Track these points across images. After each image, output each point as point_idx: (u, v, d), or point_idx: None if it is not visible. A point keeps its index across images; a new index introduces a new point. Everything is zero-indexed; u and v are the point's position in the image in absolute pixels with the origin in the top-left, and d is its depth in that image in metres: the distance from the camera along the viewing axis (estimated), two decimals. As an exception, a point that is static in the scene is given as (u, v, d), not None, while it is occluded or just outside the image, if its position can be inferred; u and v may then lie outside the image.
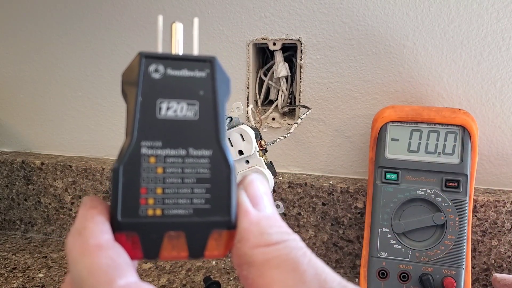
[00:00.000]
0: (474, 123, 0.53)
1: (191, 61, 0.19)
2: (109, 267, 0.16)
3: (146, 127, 0.18)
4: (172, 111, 0.18)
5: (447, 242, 0.51)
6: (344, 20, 0.60)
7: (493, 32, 0.56)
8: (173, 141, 0.18)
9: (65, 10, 0.70)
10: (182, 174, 0.18)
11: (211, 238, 0.18)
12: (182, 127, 0.18)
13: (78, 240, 0.17)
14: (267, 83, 0.66)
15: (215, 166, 0.18)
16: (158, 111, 0.18)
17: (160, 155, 0.18)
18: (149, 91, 0.18)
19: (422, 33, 0.58)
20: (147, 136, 0.18)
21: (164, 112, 0.18)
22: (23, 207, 0.75)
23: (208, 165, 0.18)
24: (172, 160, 0.18)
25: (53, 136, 0.76)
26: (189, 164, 0.18)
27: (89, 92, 0.72)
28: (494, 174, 0.60)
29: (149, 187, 0.18)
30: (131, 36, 0.68)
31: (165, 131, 0.18)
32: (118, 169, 0.18)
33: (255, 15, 0.62)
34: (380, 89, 0.61)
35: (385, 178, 0.53)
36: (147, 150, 0.18)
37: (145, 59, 0.18)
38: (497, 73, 0.57)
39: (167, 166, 0.18)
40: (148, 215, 0.18)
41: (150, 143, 0.18)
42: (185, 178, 0.18)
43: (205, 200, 0.18)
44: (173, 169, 0.18)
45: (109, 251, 0.17)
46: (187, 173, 0.18)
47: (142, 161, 0.18)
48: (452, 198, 0.51)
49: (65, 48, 0.71)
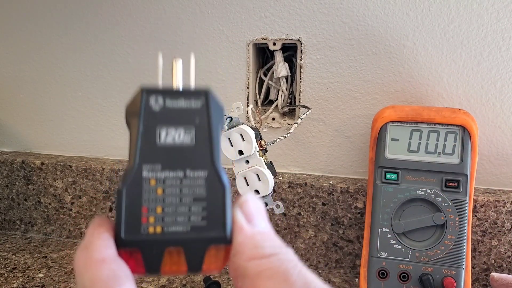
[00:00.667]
0: (474, 123, 0.53)
1: (188, 93, 0.21)
2: (109, 278, 0.18)
3: (147, 152, 0.20)
4: (170, 138, 0.20)
5: (447, 242, 0.51)
6: (344, 20, 0.60)
7: (493, 32, 0.56)
8: (171, 164, 0.20)
9: (65, 10, 0.70)
10: (180, 194, 0.20)
11: (208, 253, 0.20)
12: (179, 151, 0.20)
13: (84, 255, 0.19)
14: (267, 83, 0.66)
15: (211, 185, 0.20)
16: (158, 138, 0.20)
17: (160, 177, 0.20)
18: (149, 121, 0.20)
19: (422, 33, 0.58)
20: (147, 160, 0.20)
21: (163, 138, 0.20)
22: (23, 207, 0.75)
23: (204, 185, 0.20)
24: (171, 181, 0.20)
25: (53, 136, 0.76)
26: (187, 185, 0.20)
27: (89, 92, 0.72)
28: (494, 174, 0.60)
29: (150, 207, 0.20)
30: (131, 36, 0.68)
31: (164, 155, 0.20)
32: (122, 191, 0.20)
33: (255, 15, 0.62)
34: (380, 89, 0.61)
35: (385, 178, 0.53)
36: (148, 173, 0.20)
37: (146, 93, 0.21)
38: (497, 73, 0.57)
39: (166, 187, 0.20)
40: (149, 232, 0.20)
41: (151, 166, 0.20)
42: (183, 198, 0.20)
43: (201, 218, 0.20)
44: (171, 189, 0.20)
45: (111, 264, 0.18)
46: (185, 193, 0.20)
47: (143, 183, 0.20)
48: (452, 198, 0.51)
49: (65, 48, 0.71)
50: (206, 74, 0.66)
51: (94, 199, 0.71)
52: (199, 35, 0.65)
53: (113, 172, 0.69)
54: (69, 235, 0.74)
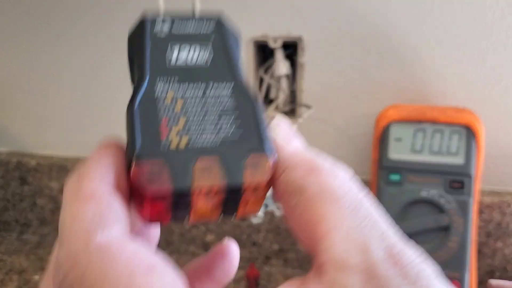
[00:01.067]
0: (479, 123, 0.52)
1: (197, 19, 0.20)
2: (93, 219, 0.15)
3: (159, 67, 0.17)
4: (184, 58, 0.18)
5: (452, 244, 0.50)
6: (347, 18, 0.59)
7: (497, 30, 0.55)
8: (190, 78, 0.17)
9: (64, 10, 0.69)
10: (204, 108, 0.17)
11: (248, 163, 0.16)
12: (196, 69, 0.18)
13: (75, 185, 0.16)
14: (268, 81, 0.65)
15: (239, 99, 0.17)
16: (168, 58, 0.18)
17: (177, 89, 0.17)
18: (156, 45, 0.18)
19: (425, 31, 0.57)
20: (161, 74, 0.17)
21: (175, 58, 0.18)
22: (19, 208, 0.74)
23: (231, 99, 0.17)
24: (192, 95, 0.17)
25: (49, 136, 0.75)
26: (211, 98, 0.17)
27: (86, 92, 0.71)
28: (499, 175, 0.60)
29: (170, 119, 0.16)
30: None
31: (180, 70, 0.18)
32: (133, 107, 0.16)
33: (255, 11, 0.61)
34: (383, 88, 0.60)
35: (388, 179, 0.52)
36: (162, 86, 0.17)
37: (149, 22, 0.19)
38: (502, 72, 0.56)
39: (187, 101, 0.17)
40: (174, 145, 0.16)
41: (166, 78, 0.17)
42: (208, 111, 0.17)
43: (233, 129, 0.17)
44: (194, 102, 0.17)
45: (100, 202, 0.15)
46: (209, 107, 0.17)
47: (158, 97, 0.17)
48: (456, 199, 0.51)
49: (61, 48, 0.70)
50: (205, 73, 0.65)
51: (91, 200, 0.70)
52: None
53: (110, 173, 0.68)
54: (66, 237, 0.73)
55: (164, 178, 0.15)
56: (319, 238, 0.15)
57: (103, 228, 0.15)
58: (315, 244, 0.16)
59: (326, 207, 0.16)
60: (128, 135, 0.16)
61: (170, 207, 0.16)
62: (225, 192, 0.16)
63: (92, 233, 0.14)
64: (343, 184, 0.16)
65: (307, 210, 0.16)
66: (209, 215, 0.17)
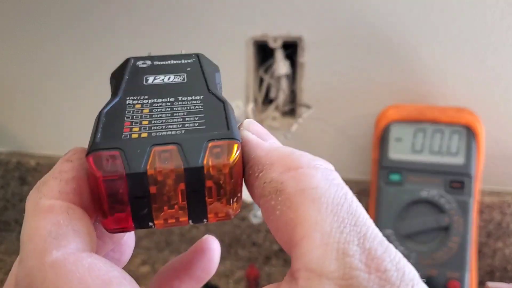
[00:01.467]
0: (479, 123, 0.52)
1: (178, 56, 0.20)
2: (49, 235, 0.14)
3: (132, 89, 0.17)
4: (159, 80, 0.18)
5: (452, 244, 0.50)
6: (347, 17, 0.59)
7: (497, 30, 0.55)
8: (160, 94, 0.17)
9: (64, 10, 0.68)
10: (171, 111, 0.17)
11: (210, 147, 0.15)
12: (169, 87, 0.18)
13: (34, 196, 0.16)
14: (268, 81, 0.65)
15: (207, 103, 0.17)
16: (144, 81, 0.18)
17: (147, 103, 0.17)
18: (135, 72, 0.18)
19: (426, 31, 0.57)
20: (132, 94, 0.17)
21: (151, 81, 0.18)
22: (19, 208, 0.74)
23: (200, 104, 0.17)
24: (160, 105, 0.17)
25: (48, 136, 0.75)
26: (179, 105, 0.17)
27: (86, 92, 0.71)
28: (499, 175, 0.59)
29: (134, 121, 0.16)
30: (131, 36, 0.67)
31: (152, 90, 0.18)
32: (101, 113, 0.17)
33: (256, 11, 0.61)
34: (383, 88, 0.60)
35: (389, 179, 0.52)
36: (134, 99, 0.17)
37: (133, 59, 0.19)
38: (502, 72, 0.56)
39: (154, 108, 0.17)
40: (132, 137, 0.15)
41: (136, 97, 0.17)
42: (175, 113, 0.17)
43: (198, 124, 0.16)
44: (160, 108, 0.17)
45: (59, 215, 0.15)
46: (177, 110, 0.17)
47: (126, 107, 0.17)
48: (456, 199, 0.50)
49: (61, 48, 0.70)
50: (205, 73, 0.65)
51: (91, 200, 0.70)
52: (197, 31, 0.64)
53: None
54: (65, 237, 0.73)
55: (119, 163, 0.15)
56: (296, 242, 0.14)
57: (59, 244, 0.14)
58: (292, 248, 0.15)
59: (304, 208, 0.15)
60: (91, 136, 0.16)
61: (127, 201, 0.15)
62: (185, 178, 0.15)
63: (48, 250, 0.14)
64: (322, 182, 0.15)
65: (285, 211, 0.15)
66: (175, 215, 0.16)
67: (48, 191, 0.15)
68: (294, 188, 0.15)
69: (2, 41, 0.72)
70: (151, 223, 0.16)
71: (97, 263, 0.14)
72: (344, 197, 0.15)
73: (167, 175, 0.15)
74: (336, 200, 0.15)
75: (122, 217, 0.15)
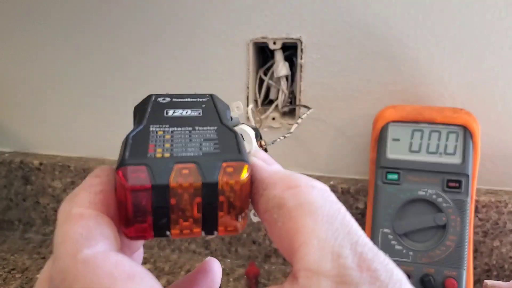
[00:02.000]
0: (476, 123, 0.52)
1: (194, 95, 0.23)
2: (81, 237, 0.16)
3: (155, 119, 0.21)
4: (178, 113, 0.21)
5: (449, 243, 0.51)
6: (345, 19, 0.59)
7: (495, 31, 0.56)
8: (180, 124, 0.20)
9: (65, 10, 0.69)
10: (189, 138, 0.19)
11: (224, 167, 0.18)
12: (187, 119, 0.21)
13: (67, 206, 0.18)
14: (267, 82, 0.65)
15: (221, 133, 0.20)
16: (165, 113, 0.21)
17: (168, 130, 0.20)
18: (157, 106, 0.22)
19: (423, 32, 0.58)
20: (155, 123, 0.20)
21: (171, 113, 0.21)
22: (22, 207, 0.75)
23: (215, 133, 0.20)
24: (179, 132, 0.20)
25: (52, 136, 0.76)
26: (196, 133, 0.20)
27: (88, 92, 0.72)
28: (496, 174, 0.60)
29: (158, 144, 0.19)
30: (131, 36, 0.68)
31: (173, 120, 0.21)
32: (128, 136, 0.19)
33: (255, 13, 0.62)
34: (381, 89, 0.60)
35: (386, 178, 0.53)
36: (156, 127, 0.20)
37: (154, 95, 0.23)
38: (500, 72, 0.57)
39: (175, 135, 0.20)
40: (157, 156, 0.18)
41: (159, 125, 0.20)
42: (193, 139, 0.19)
43: (214, 148, 0.19)
44: (180, 135, 0.19)
45: (89, 221, 0.17)
46: (194, 137, 0.19)
47: (150, 133, 0.19)
48: (453, 198, 0.51)
49: (63, 48, 0.71)
50: (206, 74, 0.66)
51: (93, 199, 0.71)
52: (199, 34, 0.65)
53: (112, 172, 0.69)
54: (68, 236, 0.74)
55: (145, 176, 0.17)
56: (296, 248, 0.16)
57: (90, 244, 0.16)
58: (293, 254, 0.17)
59: (303, 219, 0.17)
60: (120, 154, 0.18)
61: (150, 211, 0.17)
62: (202, 192, 0.17)
63: (80, 249, 0.16)
64: (319, 197, 0.18)
65: (286, 223, 0.17)
66: (190, 226, 0.18)
67: (79, 201, 0.18)
68: (294, 203, 0.17)
69: (5, 42, 0.73)
70: (168, 232, 0.18)
71: (122, 260, 0.16)
72: (338, 211, 0.17)
73: (187, 189, 0.17)
74: (330, 213, 0.17)
75: (144, 225, 0.18)
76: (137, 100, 0.24)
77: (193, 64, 0.66)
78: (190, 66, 0.66)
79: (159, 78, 0.68)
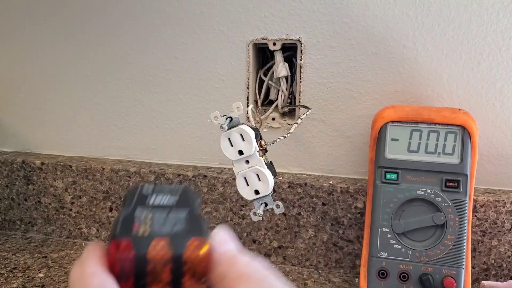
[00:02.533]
0: (474, 123, 0.53)
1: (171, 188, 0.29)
2: (99, 286, 0.21)
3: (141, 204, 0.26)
4: (158, 200, 0.27)
5: (447, 242, 0.51)
6: (344, 20, 0.60)
7: (493, 32, 0.56)
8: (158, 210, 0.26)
9: (65, 10, 0.70)
10: (165, 219, 0.25)
11: (190, 242, 0.24)
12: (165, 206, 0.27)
13: (79, 269, 0.23)
14: (267, 83, 0.66)
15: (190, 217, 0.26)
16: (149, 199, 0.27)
17: (149, 212, 0.26)
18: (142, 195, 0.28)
19: (422, 33, 0.58)
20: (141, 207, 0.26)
21: (152, 201, 0.27)
22: (23, 207, 0.75)
23: (185, 217, 0.26)
24: (158, 214, 0.26)
25: (53, 136, 0.76)
26: (171, 216, 0.26)
27: (89, 92, 0.72)
28: (494, 174, 0.60)
29: (140, 222, 0.25)
30: (131, 36, 0.68)
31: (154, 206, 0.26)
32: (119, 217, 0.25)
33: (255, 15, 0.62)
34: (380, 89, 0.61)
35: (385, 178, 0.53)
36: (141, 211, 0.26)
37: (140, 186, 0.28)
38: (497, 73, 0.57)
39: (155, 215, 0.25)
40: (139, 232, 0.24)
41: (144, 208, 0.26)
42: (168, 221, 0.25)
43: (183, 228, 0.25)
44: (158, 216, 0.25)
45: (101, 276, 0.22)
46: (169, 219, 0.25)
47: (135, 214, 0.25)
48: (452, 198, 0.51)
49: (64, 48, 0.71)
50: (206, 74, 0.66)
51: (94, 199, 0.71)
52: (199, 35, 0.65)
53: (113, 172, 0.69)
54: (69, 235, 0.74)
55: (130, 247, 0.23)
56: None
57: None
58: None
59: (239, 286, 0.22)
60: (111, 230, 0.24)
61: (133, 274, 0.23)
62: (172, 261, 0.23)
63: None
64: (252, 269, 0.23)
65: None
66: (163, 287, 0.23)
67: (89, 264, 0.23)
68: (234, 275, 0.23)
69: (5, 42, 0.74)
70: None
71: None
72: (267, 275, 0.23)
73: (160, 258, 0.23)
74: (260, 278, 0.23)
75: (127, 284, 0.23)
76: (137, 100, 0.25)
77: (193, 64, 0.67)
78: (190, 66, 0.67)
79: (159, 78, 0.68)
